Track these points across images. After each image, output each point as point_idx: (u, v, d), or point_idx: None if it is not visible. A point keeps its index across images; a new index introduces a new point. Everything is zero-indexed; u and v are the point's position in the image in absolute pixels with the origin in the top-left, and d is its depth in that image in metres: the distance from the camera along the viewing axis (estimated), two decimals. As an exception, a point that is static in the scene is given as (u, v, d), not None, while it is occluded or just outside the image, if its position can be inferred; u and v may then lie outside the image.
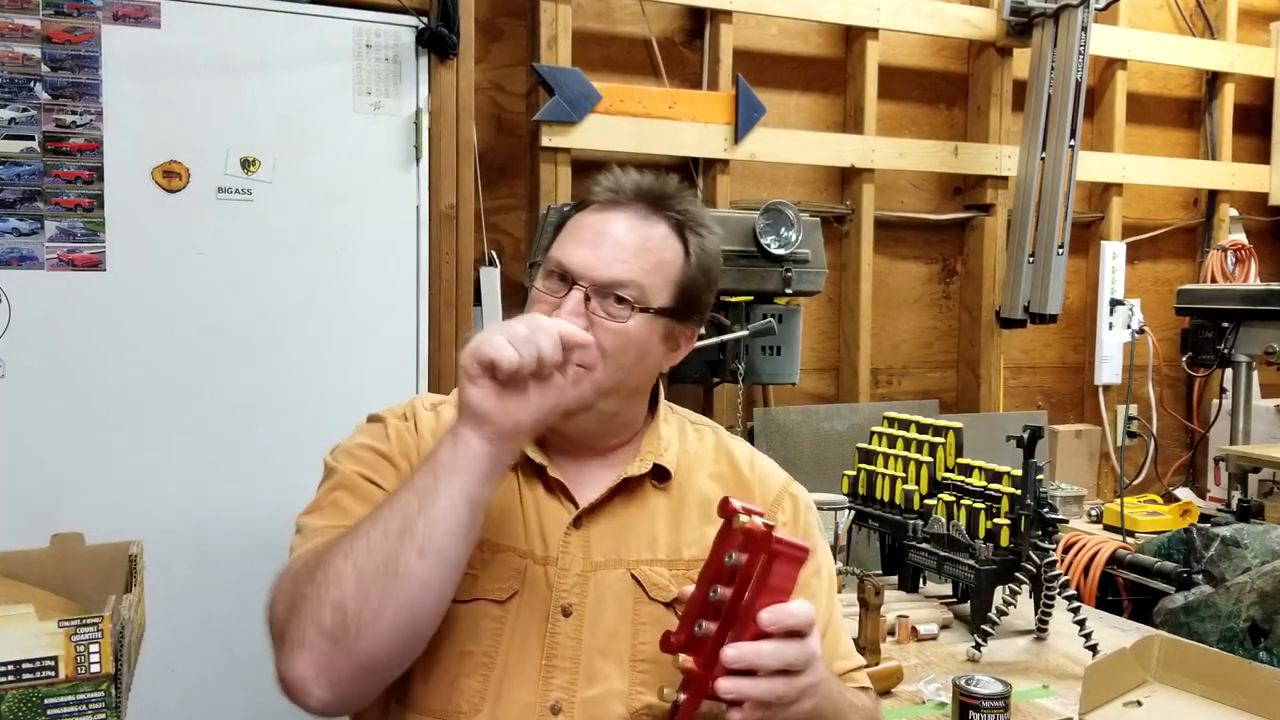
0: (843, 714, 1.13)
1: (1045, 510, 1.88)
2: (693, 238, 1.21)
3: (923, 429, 2.26)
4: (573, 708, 1.13)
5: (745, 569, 0.97)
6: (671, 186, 1.22)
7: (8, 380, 2.00)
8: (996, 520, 1.96)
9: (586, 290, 1.15)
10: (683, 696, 0.99)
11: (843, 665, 1.26)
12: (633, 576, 1.18)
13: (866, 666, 1.32)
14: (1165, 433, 3.58)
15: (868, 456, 2.30)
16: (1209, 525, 2.46)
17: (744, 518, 0.96)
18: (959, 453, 2.19)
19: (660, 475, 1.24)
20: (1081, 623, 1.86)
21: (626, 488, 1.22)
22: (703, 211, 1.24)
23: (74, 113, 2.02)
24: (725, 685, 0.96)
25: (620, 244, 1.16)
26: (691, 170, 2.80)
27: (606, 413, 1.20)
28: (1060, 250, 2.98)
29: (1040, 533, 1.87)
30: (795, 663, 0.98)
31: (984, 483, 2.03)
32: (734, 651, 0.96)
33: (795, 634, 0.98)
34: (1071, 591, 1.89)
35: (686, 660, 0.98)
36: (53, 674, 1.08)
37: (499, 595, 1.15)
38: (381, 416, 1.26)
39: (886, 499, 2.21)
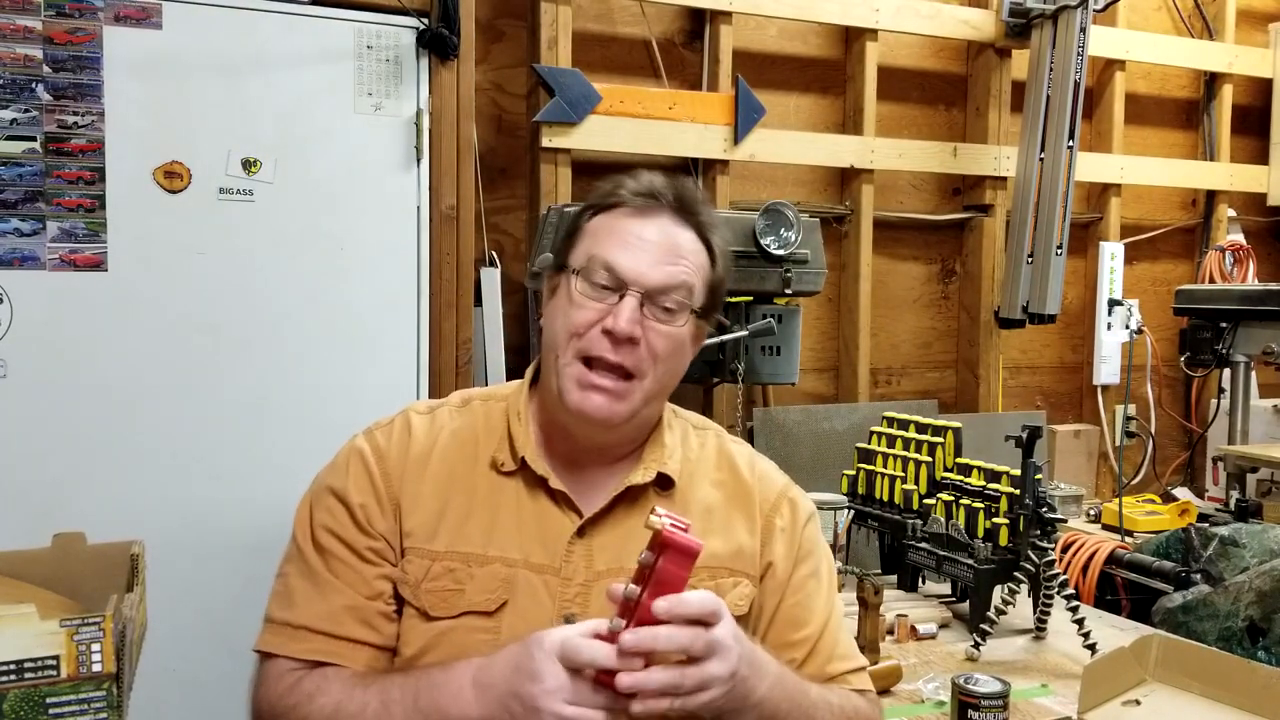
0: (804, 712, 1.14)
1: (1044, 510, 1.88)
2: (715, 241, 1.23)
3: (922, 429, 2.27)
4: None
5: (652, 567, 0.99)
6: (696, 192, 1.24)
7: (9, 380, 2.01)
8: (995, 520, 1.96)
9: (640, 296, 1.15)
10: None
11: (840, 666, 1.26)
12: None
13: (867, 668, 1.32)
14: (1164, 432, 3.58)
15: (867, 456, 2.31)
16: (1207, 525, 2.46)
17: (654, 518, 0.99)
18: (958, 452, 2.19)
19: (663, 483, 1.24)
20: (1080, 622, 1.87)
21: (629, 496, 1.22)
22: (715, 215, 1.26)
23: (75, 113, 2.02)
24: (624, 680, 0.97)
25: (667, 249, 1.18)
26: (691, 171, 2.80)
27: (644, 417, 1.21)
28: (1059, 250, 2.98)
29: (1039, 532, 1.88)
30: (693, 649, 0.99)
31: (983, 482, 2.04)
32: (631, 637, 0.97)
33: (699, 624, 0.99)
34: (1070, 591, 1.89)
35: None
36: (54, 673, 1.08)
37: (487, 607, 1.16)
38: (350, 445, 1.25)
39: (886, 499, 2.22)
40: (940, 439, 2.21)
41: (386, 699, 1.08)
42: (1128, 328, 3.26)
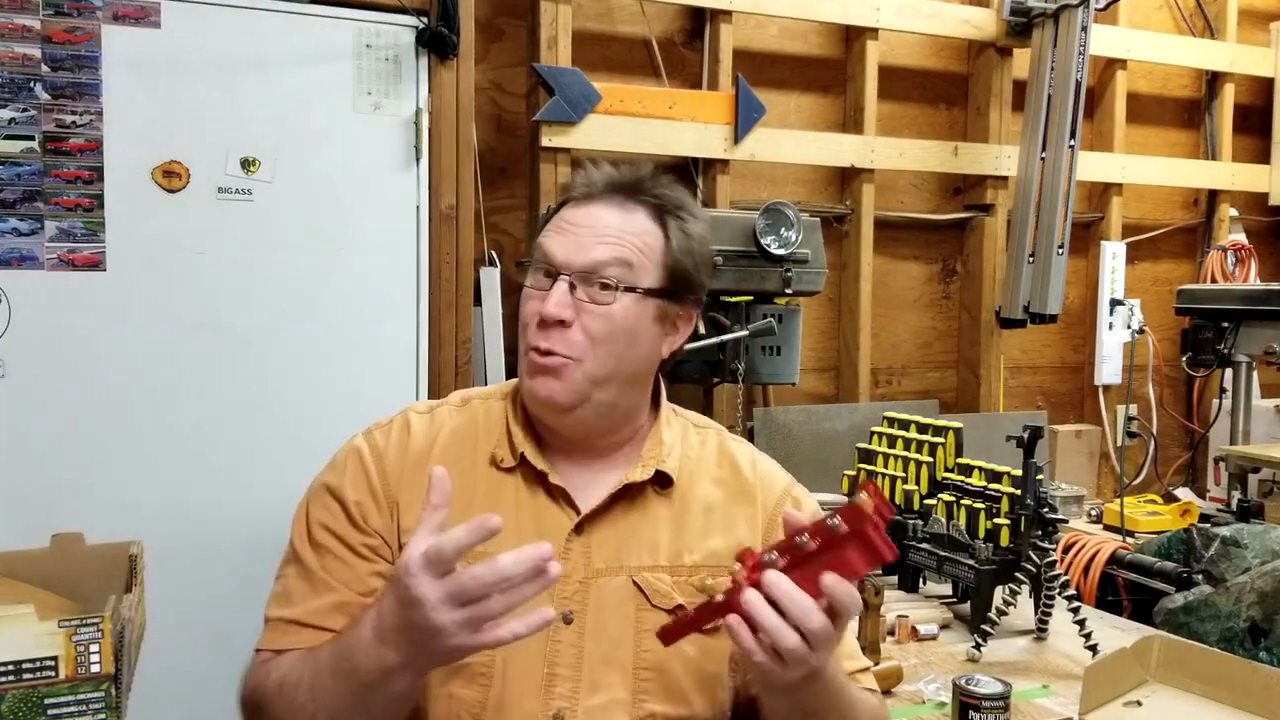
0: (856, 713, 1.13)
1: (1045, 510, 1.88)
2: (671, 220, 1.22)
3: (922, 429, 2.26)
4: (575, 716, 1.13)
5: (836, 537, 0.97)
6: (645, 173, 1.24)
7: (8, 380, 2.00)
8: (996, 520, 1.96)
9: (570, 280, 1.16)
10: (719, 597, 1.00)
11: (849, 665, 1.25)
12: (634, 584, 1.18)
13: (871, 668, 1.32)
14: (1165, 433, 3.58)
15: (868, 456, 2.30)
16: (1209, 525, 2.46)
17: (863, 495, 0.97)
18: (959, 453, 2.19)
19: (662, 481, 1.23)
20: (1081, 623, 1.86)
21: (628, 493, 1.21)
22: (682, 195, 1.25)
23: (74, 113, 2.02)
24: (748, 594, 0.96)
25: (600, 231, 1.18)
26: (691, 170, 2.80)
27: (604, 404, 1.20)
28: (1060, 250, 2.98)
29: (1040, 533, 1.88)
30: (816, 634, 0.96)
31: (984, 483, 2.03)
32: (776, 580, 0.96)
33: (835, 615, 0.98)
34: (1071, 591, 1.89)
35: (740, 571, 1.00)
36: (53, 674, 1.08)
37: None
38: (349, 445, 1.25)
39: (886, 499, 2.21)
40: (941, 439, 2.20)
41: (318, 668, 1.08)
42: (1129, 327, 3.26)
